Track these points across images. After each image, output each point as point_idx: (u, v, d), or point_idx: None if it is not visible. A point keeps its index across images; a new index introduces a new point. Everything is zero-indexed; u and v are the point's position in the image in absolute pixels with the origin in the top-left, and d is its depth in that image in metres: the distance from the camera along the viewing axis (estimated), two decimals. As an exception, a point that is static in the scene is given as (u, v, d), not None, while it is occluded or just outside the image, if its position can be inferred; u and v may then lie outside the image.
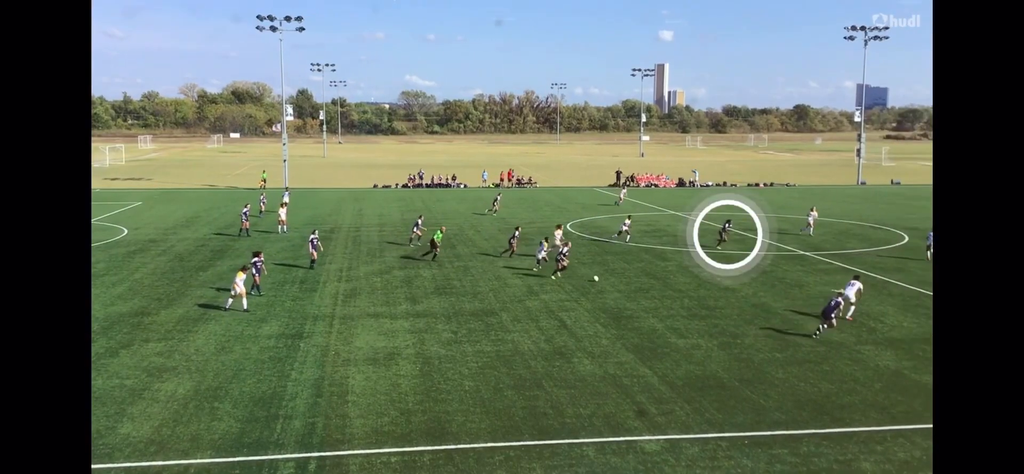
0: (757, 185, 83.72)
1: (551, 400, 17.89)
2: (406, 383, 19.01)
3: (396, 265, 34.94)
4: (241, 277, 26.22)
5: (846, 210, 58.50)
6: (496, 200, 57.87)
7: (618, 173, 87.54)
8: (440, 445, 15.38)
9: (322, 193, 71.76)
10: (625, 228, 42.13)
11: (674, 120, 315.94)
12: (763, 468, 14.45)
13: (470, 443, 15.49)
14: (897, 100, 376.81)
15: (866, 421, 16.72)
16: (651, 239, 42.76)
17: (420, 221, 41.80)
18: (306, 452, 15.08)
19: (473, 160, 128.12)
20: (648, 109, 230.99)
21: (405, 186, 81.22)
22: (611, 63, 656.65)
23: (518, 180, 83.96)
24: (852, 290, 25.43)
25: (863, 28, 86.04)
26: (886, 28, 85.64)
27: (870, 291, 29.68)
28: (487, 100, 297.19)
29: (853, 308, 25.43)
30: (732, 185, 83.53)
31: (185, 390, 18.39)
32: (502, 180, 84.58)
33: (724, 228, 41.20)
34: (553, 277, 31.59)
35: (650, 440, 15.69)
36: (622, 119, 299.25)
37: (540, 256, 33.24)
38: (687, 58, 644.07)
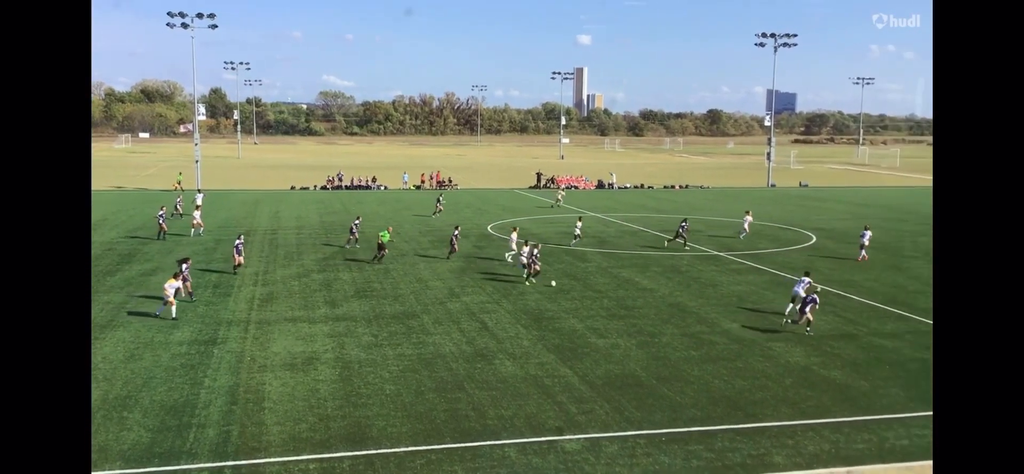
0: (673, 187, 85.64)
1: (473, 402, 17.88)
2: (325, 388, 18.68)
3: (315, 268, 34.33)
4: (172, 284, 25.28)
5: (757, 211, 60.36)
6: (439, 201, 58.14)
7: (538, 175, 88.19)
8: (360, 450, 15.18)
9: (237, 195, 69.91)
10: (578, 232, 42.02)
11: (593, 123, 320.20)
12: (680, 464, 14.78)
13: (391, 448, 15.34)
14: (805, 105, 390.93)
15: (777, 416, 17.29)
16: (571, 240, 43.25)
17: (357, 222, 41.47)
18: (221, 461, 14.65)
19: (394, 162, 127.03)
20: (568, 112, 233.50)
21: (324, 188, 79.92)
22: (531, 66, 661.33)
23: (438, 182, 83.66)
24: (802, 287, 26.39)
25: (773, 36, 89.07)
26: (794, 36, 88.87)
27: (781, 290, 30.72)
28: (407, 101, 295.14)
29: (793, 307, 26.19)
30: (649, 187, 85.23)
31: (92, 399, 17.60)
32: (423, 181, 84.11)
33: (682, 227, 42.04)
34: (528, 282, 31.08)
35: (571, 439, 15.85)
36: (542, 121, 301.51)
37: (522, 261, 32.06)
38: (606, 62, 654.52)
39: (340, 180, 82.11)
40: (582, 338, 23.46)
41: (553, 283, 31.08)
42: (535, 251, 31.69)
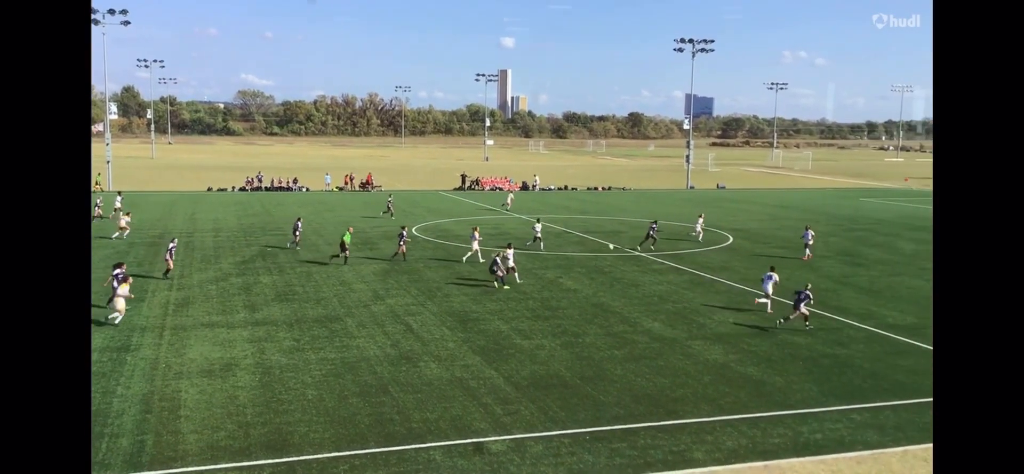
0: (596, 188, 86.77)
1: (397, 406, 17.72)
2: (244, 395, 18.22)
3: (233, 272, 33.46)
4: (124, 289, 24.28)
5: (677, 213, 61.73)
6: (390, 203, 57.87)
7: (463, 176, 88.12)
8: (281, 457, 14.86)
9: (151, 196, 67.55)
10: (537, 234, 41.95)
11: (517, 125, 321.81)
12: (603, 462, 14.98)
13: (313, 454, 15.07)
14: (722, 109, 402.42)
15: (697, 413, 17.70)
16: (496, 242, 43.31)
17: (299, 223, 41.00)
18: (135, 472, 14.13)
19: (315, 163, 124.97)
20: (492, 114, 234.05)
21: (243, 189, 77.98)
22: (455, 68, 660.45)
23: (361, 183, 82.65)
24: (769, 283, 27.53)
25: (691, 41, 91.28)
26: (712, 42, 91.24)
27: (699, 289, 31.48)
28: (329, 102, 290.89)
29: (769, 301, 27.46)
30: (573, 188, 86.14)
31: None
32: (346, 183, 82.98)
33: (651, 229, 42.95)
34: (501, 287, 30.81)
35: (496, 441, 15.88)
36: (467, 123, 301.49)
37: (501, 270, 31.37)
38: (529, 64, 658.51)
39: (260, 181, 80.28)
40: (507, 339, 23.53)
41: (506, 287, 31.06)
42: (506, 254, 31.89)
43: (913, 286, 32.83)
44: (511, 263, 31.72)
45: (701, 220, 47.81)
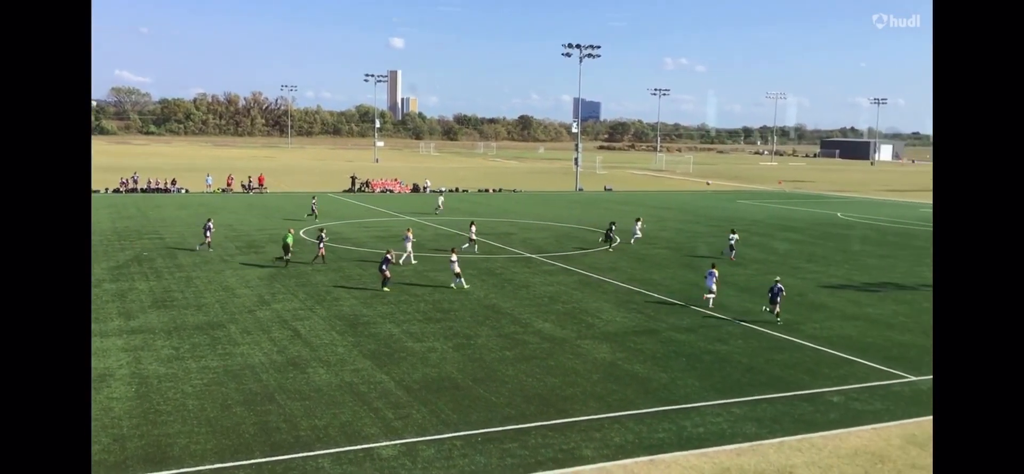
0: (487, 190, 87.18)
1: (284, 414, 17.25)
2: (120, 406, 17.30)
3: (107, 278, 31.73)
4: None
5: (566, 214, 62.80)
6: (313, 205, 57.02)
7: (353, 178, 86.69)
8: (160, 470, 14.19)
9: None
10: (473, 236, 41.71)
11: (408, 127, 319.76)
12: (495, 463, 15.05)
13: (195, 466, 14.47)
14: (608, 113, 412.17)
15: (586, 411, 18.04)
16: (388, 244, 42.84)
17: (210, 224, 39.73)
18: (-5, 494, 13.16)
19: (196, 163, 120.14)
20: (382, 115, 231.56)
21: (117, 191, 74.12)
22: (343, 67, 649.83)
23: (243, 185, 79.94)
24: (713, 279, 29.29)
25: (578, 46, 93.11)
26: (598, 47, 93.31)
27: (588, 290, 32.12)
28: (210, 100, 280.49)
29: (712, 296, 29.13)
30: (464, 190, 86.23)
31: None
32: (230, 185, 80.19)
33: (610, 230, 44.49)
34: (462, 287, 30.99)
35: (387, 446, 15.69)
36: (356, 124, 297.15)
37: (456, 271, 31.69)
38: (420, 66, 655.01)
39: (135, 182, 76.50)
40: (398, 342, 23.31)
41: (467, 287, 31.25)
42: (452, 258, 32.03)
43: (787, 284, 34.43)
44: (457, 268, 31.72)
45: (640, 223, 48.94)
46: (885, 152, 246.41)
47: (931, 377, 21.34)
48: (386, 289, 30.34)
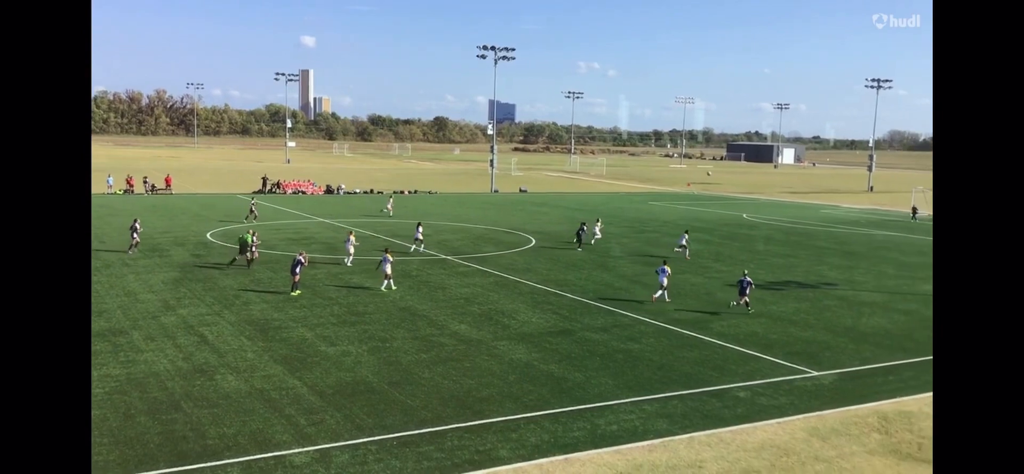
0: (403, 192, 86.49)
1: (191, 422, 16.68)
2: (12, 420, 16.37)
3: (-3, 283, 29.99)
4: None
5: (481, 216, 62.89)
6: (253, 206, 55.69)
7: (264, 179, 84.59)
8: (57, 486, 13.49)
9: None
10: (420, 237, 42.23)
11: (321, 127, 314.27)
12: (411, 467, 14.93)
13: (95, 480, 13.83)
14: (523, 116, 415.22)
15: (503, 411, 18.10)
16: (300, 247, 41.99)
17: (137, 224, 38.91)
18: None
19: (95, 163, 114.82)
20: (294, 115, 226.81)
21: (8, 192, 70.03)
22: (253, 65, 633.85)
23: (146, 185, 76.84)
24: (664, 275, 30.64)
25: (493, 49, 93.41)
26: (513, 50, 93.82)
27: (504, 291, 32.24)
28: (111, 98, 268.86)
29: (664, 291, 30.47)
30: (379, 192, 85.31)
31: None
32: (131, 185, 77.01)
33: (581, 231, 46.04)
34: (389, 288, 31.09)
35: (299, 452, 15.37)
36: (266, 124, 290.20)
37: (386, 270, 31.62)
38: (332, 65, 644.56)
39: (29, 183, 72.42)
40: (312, 347, 22.87)
41: (393, 287, 31.35)
42: (385, 257, 32.09)
43: (695, 283, 35.50)
44: (388, 269, 31.68)
45: (599, 224, 49.74)
46: (788, 155, 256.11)
47: (832, 371, 22.38)
48: (295, 293, 29.72)
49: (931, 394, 20.43)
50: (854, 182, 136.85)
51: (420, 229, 43.38)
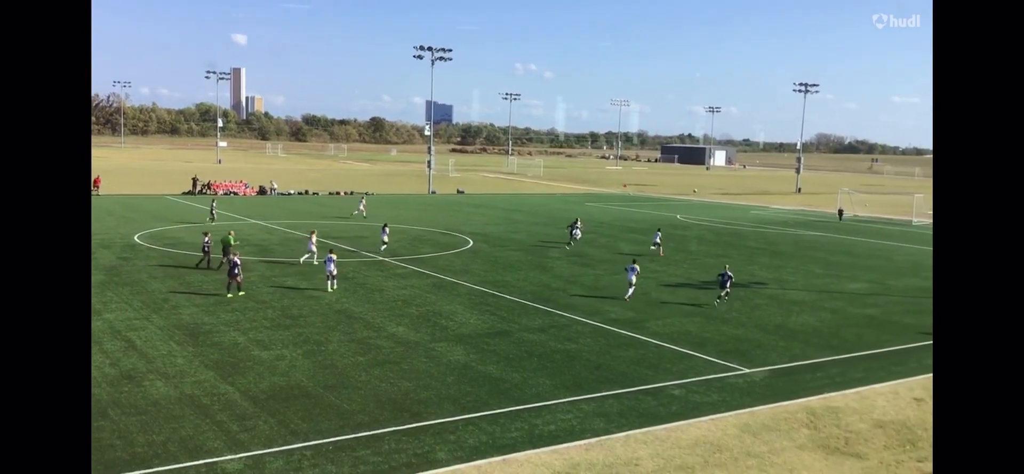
0: (338, 193, 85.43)
1: (118, 430, 16.16)
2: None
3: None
4: None
5: (419, 217, 62.55)
6: (213, 206, 55.24)
7: (194, 180, 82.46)
8: (-27, 501, 12.91)
9: None
10: (385, 239, 42.43)
11: (253, 127, 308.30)
12: (347, 471, 14.75)
13: (15, 493, 13.26)
14: (460, 117, 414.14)
15: (441, 413, 18.03)
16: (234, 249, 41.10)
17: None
18: None
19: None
20: (225, 114, 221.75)
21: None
22: (182, 63, 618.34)
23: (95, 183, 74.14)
24: (633, 273, 32.28)
25: (430, 49, 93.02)
26: (450, 51, 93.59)
27: (442, 292, 32.13)
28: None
29: (632, 289, 31.89)
30: (314, 193, 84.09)
31: None
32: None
33: (573, 227, 47.76)
34: (333, 288, 31.42)
35: (231, 459, 15.03)
36: (196, 123, 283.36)
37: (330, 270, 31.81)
38: (265, 64, 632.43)
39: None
40: (244, 351, 22.39)
41: (335, 287, 31.39)
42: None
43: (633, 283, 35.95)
44: (332, 268, 31.83)
45: (578, 224, 50.11)
46: (719, 158, 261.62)
47: (763, 368, 22.92)
48: (230, 295, 29.10)
49: (857, 389, 21.18)
50: (783, 184, 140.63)
51: (386, 231, 43.55)
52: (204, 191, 78.89)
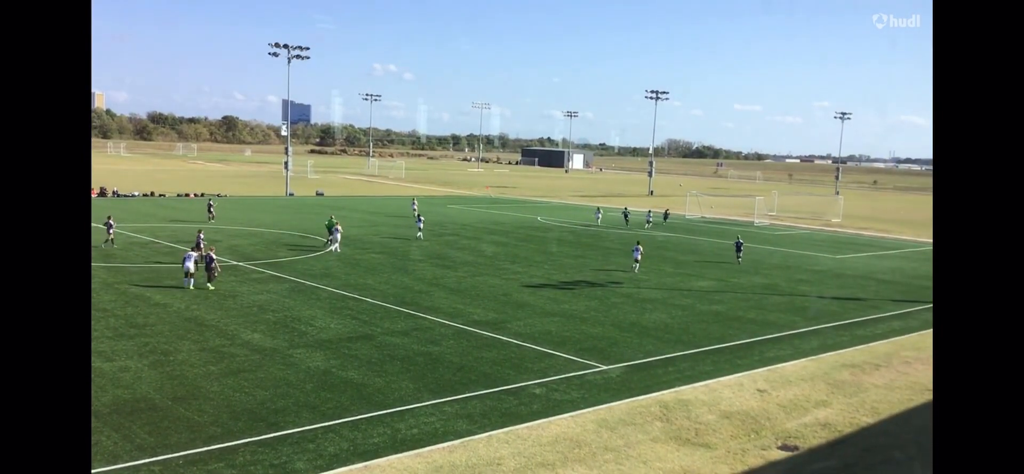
0: (189, 195, 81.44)
1: (-65, 455, 14.69)
2: None
3: None
4: None
5: (276, 220, 60.59)
6: (210, 205, 55.18)
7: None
8: None
9: None
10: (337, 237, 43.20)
11: (93, 125, 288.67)
12: (200, 486, 14.08)
13: None
14: (319, 117, 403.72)
15: (299, 422, 17.54)
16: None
17: (111, 221, 37.40)
18: None
19: None
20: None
21: None
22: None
23: None
24: (638, 253, 39.00)
25: (286, 46, 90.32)
26: (307, 49, 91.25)
27: (301, 296, 31.26)
28: None
29: (638, 265, 37.63)
30: (161, 195, 79.73)
31: None
32: None
33: (626, 213, 50.62)
34: (204, 286, 31.61)
35: (70, 480, 14.00)
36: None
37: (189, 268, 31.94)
38: (105, 58, 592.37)
39: None
40: (83, 364, 20.91)
41: (192, 288, 30.87)
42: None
43: (493, 285, 36.33)
44: (191, 266, 31.79)
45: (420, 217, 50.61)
46: (577, 161, 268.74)
47: (619, 365, 23.72)
48: (211, 286, 28.09)
49: (706, 382, 22.30)
50: (637, 186, 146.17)
51: (338, 229, 44.88)
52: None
